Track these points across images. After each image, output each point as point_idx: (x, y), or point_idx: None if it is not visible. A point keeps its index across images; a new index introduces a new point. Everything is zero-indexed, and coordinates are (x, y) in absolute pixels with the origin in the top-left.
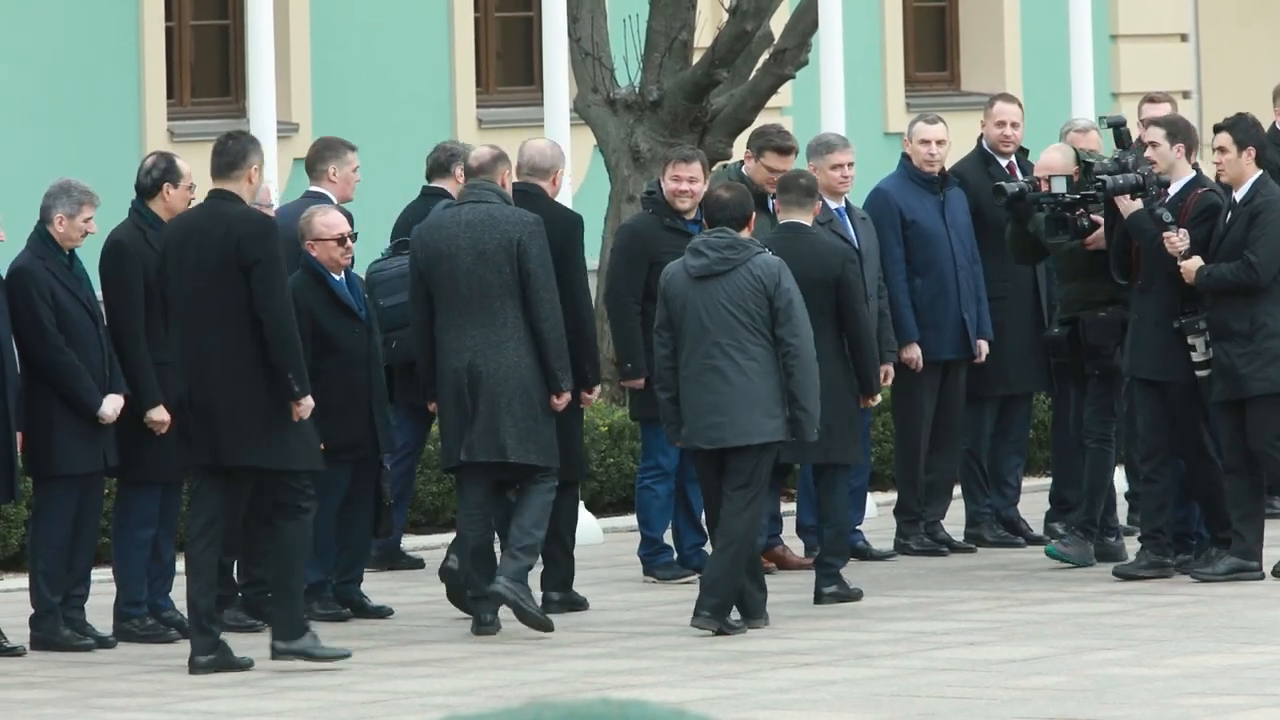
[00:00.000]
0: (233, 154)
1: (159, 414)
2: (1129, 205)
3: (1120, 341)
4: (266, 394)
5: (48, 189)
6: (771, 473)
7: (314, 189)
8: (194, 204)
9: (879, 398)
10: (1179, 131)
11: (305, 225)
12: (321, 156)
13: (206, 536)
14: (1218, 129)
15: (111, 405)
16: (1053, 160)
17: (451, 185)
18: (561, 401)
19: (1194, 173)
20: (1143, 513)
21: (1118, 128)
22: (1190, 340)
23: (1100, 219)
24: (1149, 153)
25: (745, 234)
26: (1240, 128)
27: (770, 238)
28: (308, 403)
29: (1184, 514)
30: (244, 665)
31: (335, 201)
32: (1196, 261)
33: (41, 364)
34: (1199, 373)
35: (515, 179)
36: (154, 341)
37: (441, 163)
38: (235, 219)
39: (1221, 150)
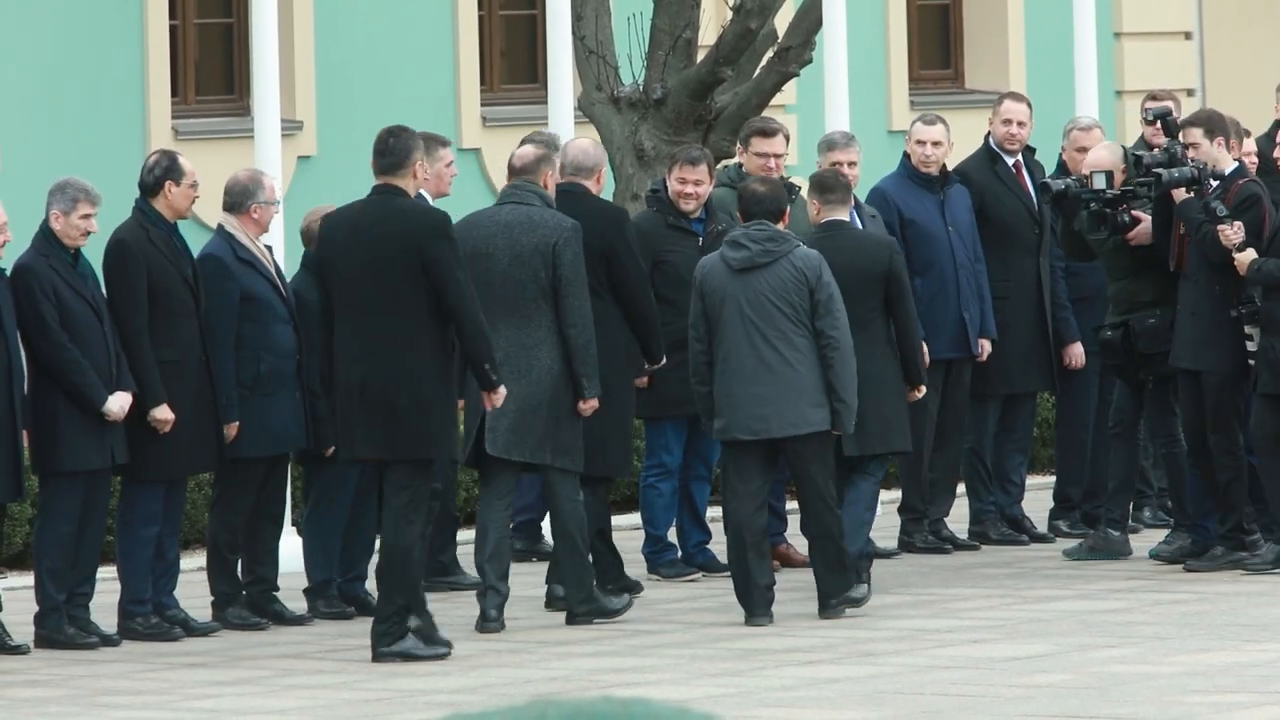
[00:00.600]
0: (397, 151)
1: (163, 413)
2: (1180, 194)
3: (1170, 344)
4: (441, 387)
5: (50, 187)
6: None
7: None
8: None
9: (924, 389)
10: (1215, 126)
11: (316, 226)
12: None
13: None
14: None
15: (118, 402)
16: (1100, 158)
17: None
18: (588, 407)
19: (1236, 163)
20: (1193, 501)
21: (1163, 117)
22: (1247, 330)
23: (1142, 215)
24: (1190, 153)
25: (781, 227)
26: None
27: (814, 237)
28: (503, 391)
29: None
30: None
31: (429, 198)
32: (1250, 254)
33: (45, 360)
34: (1251, 362)
35: (559, 179)
36: (158, 340)
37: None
38: (413, 215)
39: None
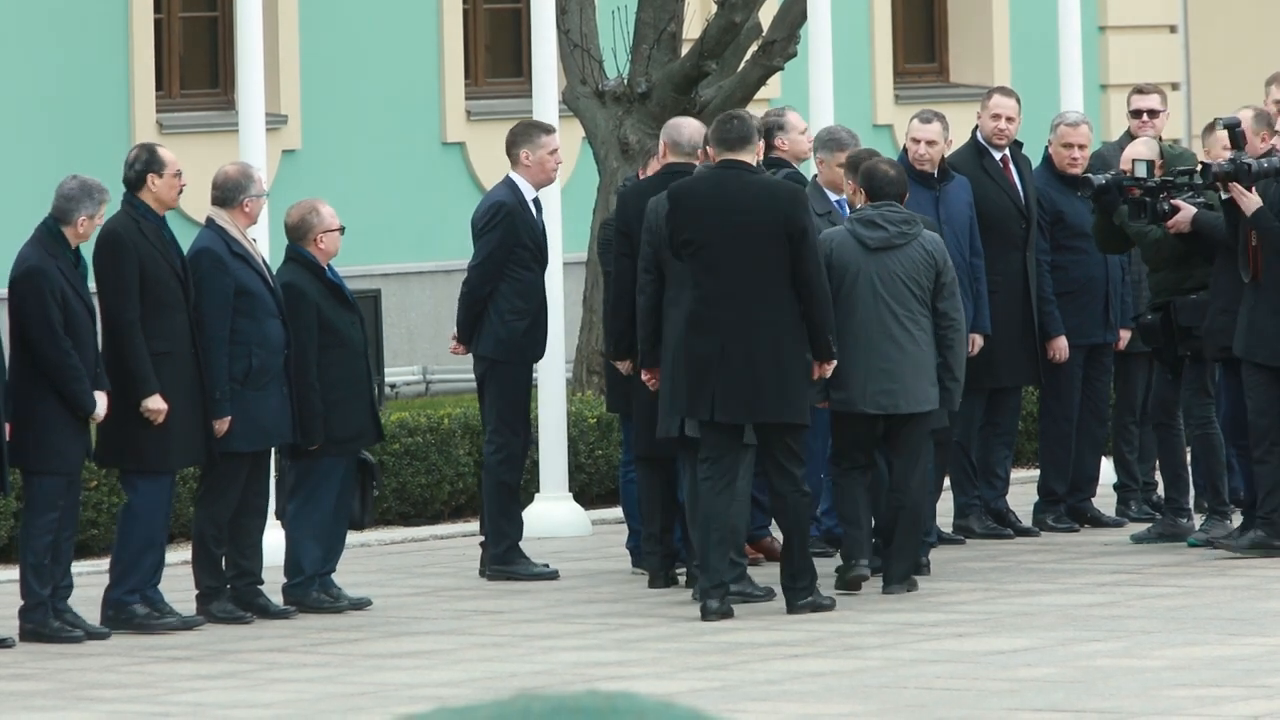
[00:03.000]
0: (740, 131)
1: (155, 403)
2: (1252, 201)
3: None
4: (801, 354)
5: (65, 189)
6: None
7: (511, 174)
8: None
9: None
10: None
11: (313, 218)
12: (515, 141)
13: (725, 479)
14: None
15: (102, 404)
16: (1139, 151)
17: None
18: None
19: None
20: (1260, 493)
21: (1233, 129)
22: None
23: (1181, 204)
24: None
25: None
26: None
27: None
28: (834, 363)
29: None
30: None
31: (532, 185)
32: None
33: (48, 365)
34: None
35: (668, 159)
36: (148, 331)
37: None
38: (779, 190)
39: None
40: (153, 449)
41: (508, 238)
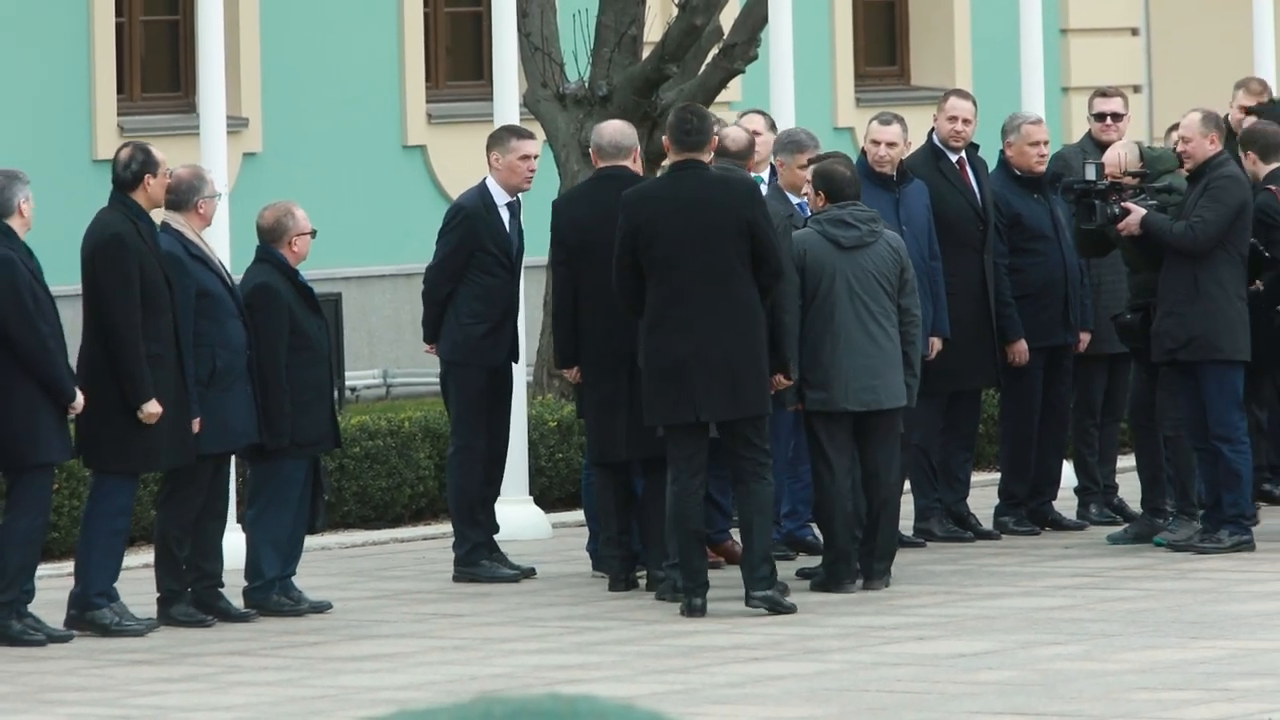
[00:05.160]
0: (702, 131)
1: (153, 407)
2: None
3: None
4: (763, 344)
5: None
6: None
7: (487, 178)
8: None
9: None
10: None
11: (289, 220)
12: (489, 145)
13: (699, 478)
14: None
15: (80, 397)
16: (1115, 156)
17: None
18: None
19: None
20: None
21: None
22: None
23: (1132, 206)
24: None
25: None
26: None
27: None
28: (789, 381)
29: None
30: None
31: (504, 189)
32: None
33: (27, 350)
34: None
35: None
36: (144, 334)
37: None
38: (735, 185)
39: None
40: (140, 450)
41: (465, 241)
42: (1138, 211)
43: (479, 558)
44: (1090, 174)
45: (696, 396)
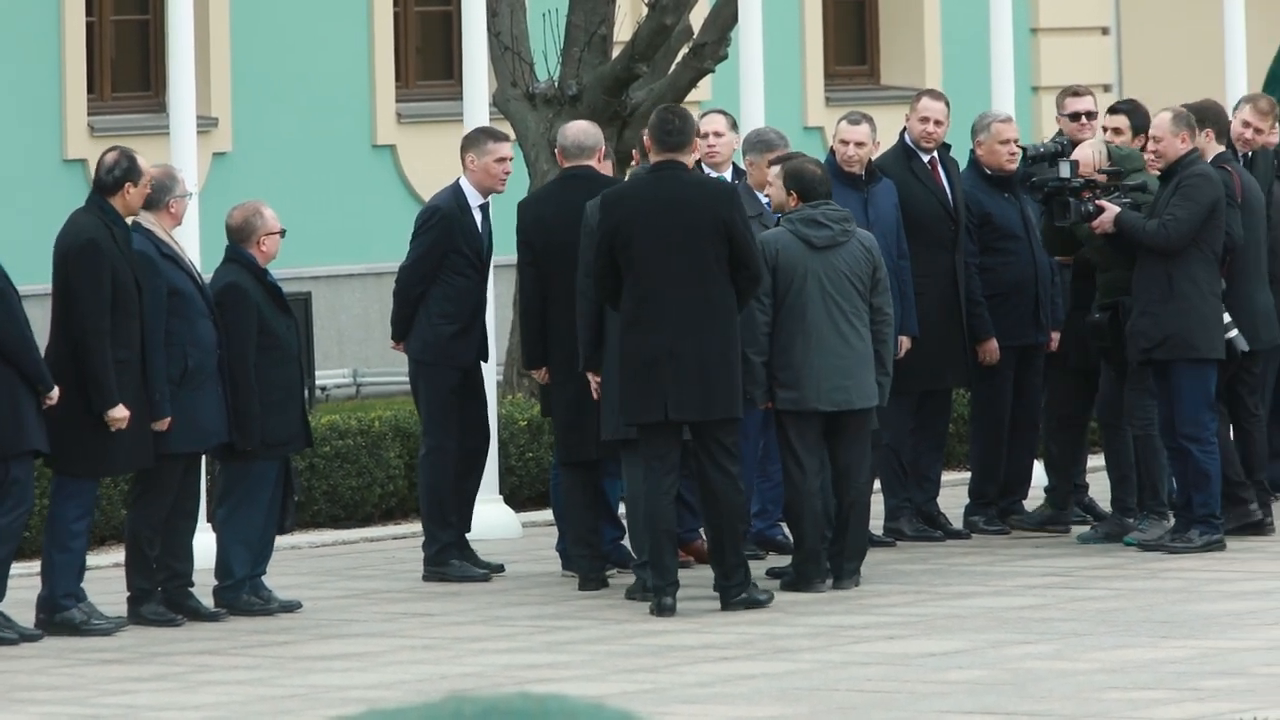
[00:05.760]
0: (683, 131)
1: (119, 412)
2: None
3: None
4: (737, 346)
5: None
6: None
7: (461, 179)
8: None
9: None
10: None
11: (257, 220)
12: (464, 146)
13: (671, 477)
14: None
15: (56, 389)
16: (1085, 155)
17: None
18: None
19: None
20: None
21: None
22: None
23: (1106, 204)
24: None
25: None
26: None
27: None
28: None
29: None
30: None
31: (478, 191)
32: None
33: (8, 339)
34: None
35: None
36: (113, 339)
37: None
38: (714, 188)
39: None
40: (101, 453)
41: (440, 242)
42: (1111, 209)
43: (449, 557)
44: (1064, 171)
45: (668, 396)
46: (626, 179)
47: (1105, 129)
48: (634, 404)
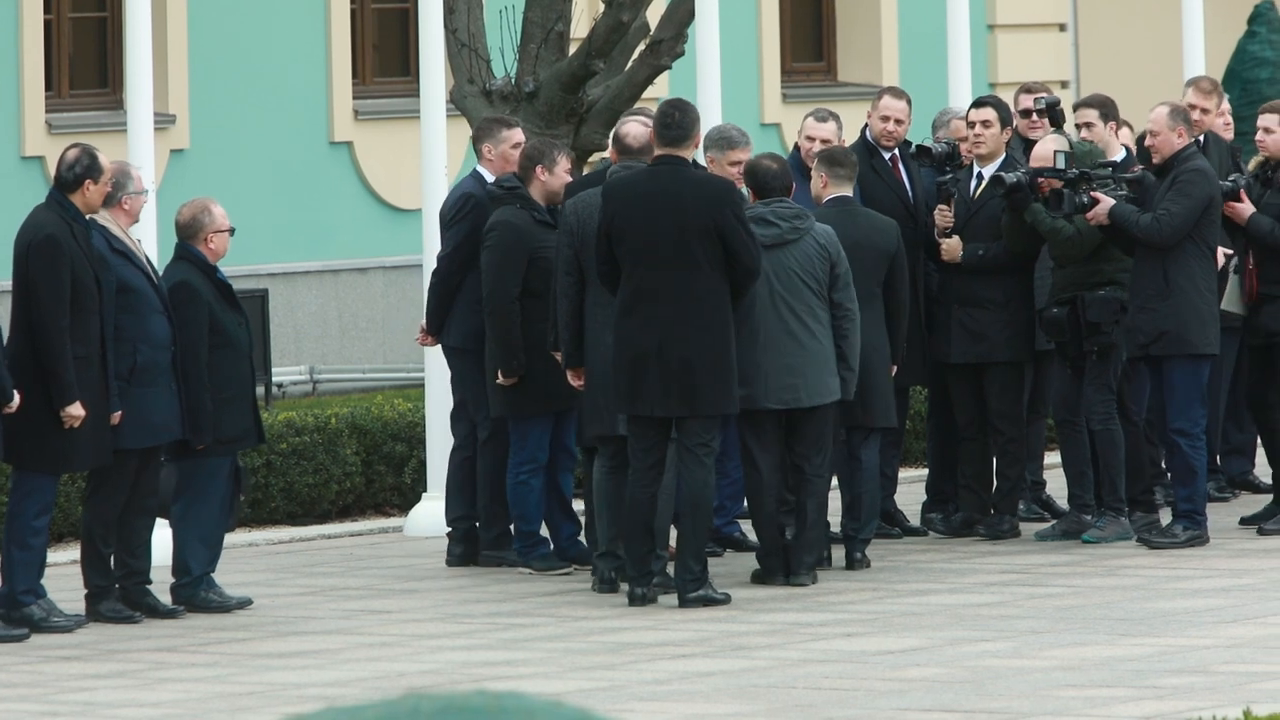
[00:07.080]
0: (683, 126)
1: (77, 409)
2: (1242, 210)
3: (1119, 320)
4: (727, 344)
5: None
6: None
7: (478, 167)
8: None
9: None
10: (1110, 110)
11: (205, 217)
12: (478, 136)
13: (655, 470)
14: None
15: (16, 398)
16: (1045, 151)
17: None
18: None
19: (1124, 151)
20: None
21: (1052, 108)
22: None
23: (1101, 196)
24: (1084, 134)
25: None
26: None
27: (827, 212)
28: None
29: None
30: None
31: (493, 178)
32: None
33: None
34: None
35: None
36: (72, 336)
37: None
38: (712, 185)
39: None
40: (61, 450)
41: (478, 228)
42: (1106, 201)
43: (508, 542)
44: (1060, 163)
45: (655, 391)
46: (584, 176)
47: (1078, 125)
48: (621, 396)
